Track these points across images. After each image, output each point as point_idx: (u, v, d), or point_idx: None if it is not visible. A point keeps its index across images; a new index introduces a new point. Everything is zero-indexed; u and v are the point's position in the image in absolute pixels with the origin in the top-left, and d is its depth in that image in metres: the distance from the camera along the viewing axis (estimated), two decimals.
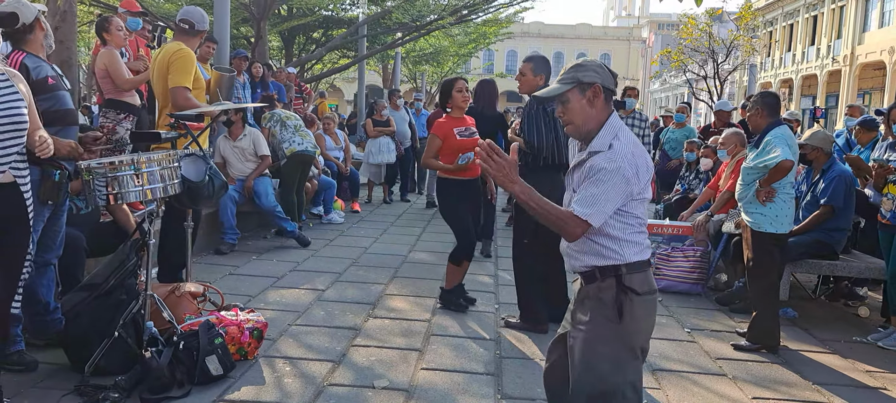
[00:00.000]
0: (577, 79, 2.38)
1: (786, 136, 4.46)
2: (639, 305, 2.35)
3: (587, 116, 2.37)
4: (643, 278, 2.38)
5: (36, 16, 3.65)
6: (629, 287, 2.33)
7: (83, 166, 3.36)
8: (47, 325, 3.79)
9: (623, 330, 2.33)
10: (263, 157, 7.18)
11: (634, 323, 2.35)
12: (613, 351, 2.33)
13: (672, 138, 9.31)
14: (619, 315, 2.32)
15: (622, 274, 2.34)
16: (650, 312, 2.41)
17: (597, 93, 2.37)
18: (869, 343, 4.81)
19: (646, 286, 2.38)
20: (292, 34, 15.52)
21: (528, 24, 51.35)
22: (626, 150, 2.31)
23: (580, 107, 2.37)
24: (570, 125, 2.41)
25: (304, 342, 4.28)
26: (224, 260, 6.37)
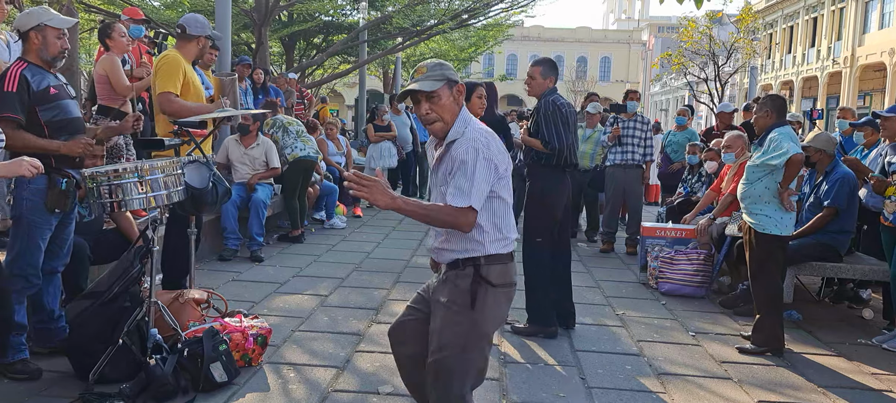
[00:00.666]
0: (447, 77, 2.51)
1: (789, 133, 4.46)
2: (492, 296, 2.47)
3: (454, 112, 2.51)
4: (502, 271, 2.50)
5: (31, 27, 3.56)
6: (485, 278, 2.46)
7: (87, 174, 3.37)
8: (51, 333, 3.80)
9: (475, 317, 2.46)
10: (273, 169, 7.19)
11: (486, 312, 2.47)
12: (463, 336, 2.46)
13: (674, 141, 9.30)
14: (471, 303, 2.45)
15: (481, 264, 2.47)
16: (502, 303, 2.54)
17: (461, 91, 2.53)
18: (873, 345, 4.80)
19: (503, 278, 2.50)
20: (293, 40, 15.53)
21: (528, 28, 51.38)
22: (479, 133, 2.46)
23: (449, 103, 2.50)
24: (437, 122, 2.50)
25: (309, 348, 4.28)
26: (227, 267, 6.37)
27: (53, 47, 3.59)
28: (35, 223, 3.45)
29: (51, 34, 3.58)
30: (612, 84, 52.04)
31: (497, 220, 2.49)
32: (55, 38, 3.59)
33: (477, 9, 14.38)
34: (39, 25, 3.56)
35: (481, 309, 2.45)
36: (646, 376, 4.08)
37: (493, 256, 2.48)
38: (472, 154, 2.39)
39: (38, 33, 3.57)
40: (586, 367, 4.17)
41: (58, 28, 3.59)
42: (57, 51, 3.61)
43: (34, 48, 3.58)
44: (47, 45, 3.58)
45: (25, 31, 3.58)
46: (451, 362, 2.46)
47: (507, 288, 2.54)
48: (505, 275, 2.51)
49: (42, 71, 3.59)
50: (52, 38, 3.58)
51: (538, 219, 4.70)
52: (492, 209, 2.47)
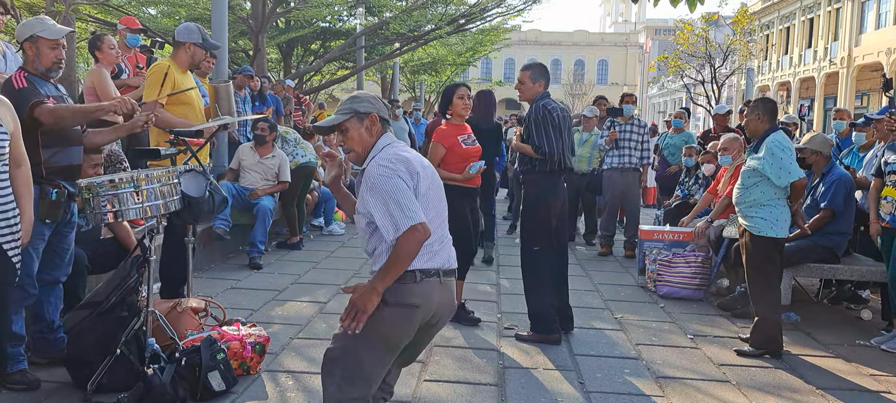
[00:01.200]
0: (354, 110, 2.61)
1: (786, 146, 4.47)
2: (383, 311, 2.48)
3: (366, 143, 2.62)
4: (397, 289, 2.49)
5: (25, 38, 3.57)
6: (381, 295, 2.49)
7: (83, 184, 3.37)
8: (50, 344, 3.79)
9: (368, 326, 2.48)
10: (282, 183, 7.21)
11: (373, 325, 2.48)
12: (342, 345, 2.53)
13: (671, 143, 9.32)
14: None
15: None
16: (396, 322, 2.52)
17: (373, 122, 2.61)
18: (872, 346, 4.81)
19: (396, 297, 2.49)
20: (290, 46, 15.56)
21: (525, 32, 51.48)
22: (387, 156, 2.52)
23: (359, 135, 2.61)
24: (351, 152, 2.65)
25: (307, 355, 4.27)
26: (225, 274, 6.37)
27: (47, 58, 3.58)
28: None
29: (44, 45, 3.57)
30: (609, 87, 52.10)
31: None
32: (49, 48, 3.57)
33: (473, 14, 14.40)
34: (32, 37, 3.56)
35: (367, 323, 2.48)
36: (644, 380, 4.08)
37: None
38: (384, 178, 2.45)
39: (32, 45, 3.57)
40: (585, 371, 4.17)
41: (51, 39, 3.57)
42: (50, 62, 3.60)
43: (30, 59, 3.59)
44: (41, 56, 3.57)
45: (21, 43, 3.60)
46: (334, 356, 2.55)
47: (404, 309, 2.51)
48: (399, 294, 2.50)
49: (41, 81, 3.60)
50: (46, 48, 3.57)
51: (535, 226, 4.69)
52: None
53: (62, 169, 3.63)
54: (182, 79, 4.74)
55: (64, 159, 3.64)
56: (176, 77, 4.71)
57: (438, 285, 2.58)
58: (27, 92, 3.50)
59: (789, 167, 4.41)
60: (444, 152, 4.86)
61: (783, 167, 4.40)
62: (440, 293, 2.59)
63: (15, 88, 3.48)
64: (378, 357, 2.54)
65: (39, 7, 9.79)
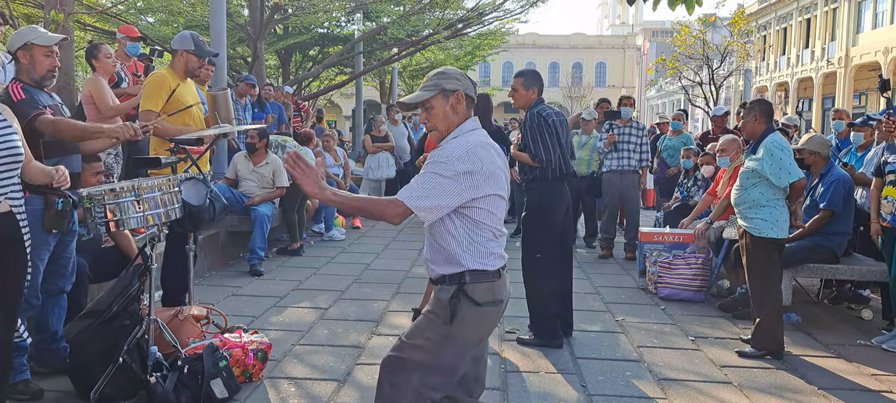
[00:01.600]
0: (441, 86, 2.50)
1: (784, 146, 4.48)
2: (474, 313, 2.43)
3: (450, 122, 2.51)
4: (486, 289, 2.45)
5: (18, 46, 3.57)
6: (469, 295, 2.43)
7: (84, 193, 3.38)
8: (53, 353, 3.80)
9: (451, 332, 2.43)
10: (280, 188, 7.19)
11: (464, 329, 2.44)
12: (434, 344, 2.45)
13: (669, 145, 9.34)
14: (451, 318, 2.42)
15: (466, 282, 2.43)
16: (486, 320, 2.49)
17: (459, 100, 2.50)
18: (873, 346, 4.81)
19: (487, 296, 2.45)
20: (289, 52, 15.56)
21: (523, 36, 51.47)
22: (461, 147, 2.41)
23: (444, 113, 2.50)
24: (434, 131, 2.54)
25: (309, 362, 4.28)
26: (226, 282, 6.37)
27: (42, 66, 3.58)
28: (32, 244, 3.45)
29: (38, 52, 3.56)
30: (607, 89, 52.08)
31: (476, 236, 2.45)
32: (43, 56, 3.57)
33: (471, 18, 14.42)
34: (26, 44, 3.56)
35: (460, 326, 2.43)
36: (646, 382, 4.09)
37: (477, 272, 2.44)
38: (440, 166, 2.38)
39: (26, 53, 3.57)
40: (587, 374, 4.17)
41: (45, 46, 3.57)
42: (45, 69, 3.60)
43: (24, 68, 3.59)
44: (35, 63, 3.57)
45: (14, 52, 3.59)
46: (411, 360, 2.46)
47: (493, 307, 2.48)
48: (489, 293, 2.46)
49: (37, 91, 3.61)
50: (40, 56, 3.57)
51: (537, 233, 4.68)
52: (474, 222, 2.44)
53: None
54: (183, 91, 4.73)
55: (66, 168, 3.64)
56: (177, 88, 4.69)
57: (505, 277, 2.57)
58: (25, 103, 3.50)
59: (789, 167, 4.43)
60: None
61: (783, 167, 4.42)
62: (508, 285, 2.60)
63: (13, 100, 3.48)
64: (465, 358, 2.52)
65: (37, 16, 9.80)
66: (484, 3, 14.31)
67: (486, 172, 2.42)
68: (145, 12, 13.43)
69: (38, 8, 9.69)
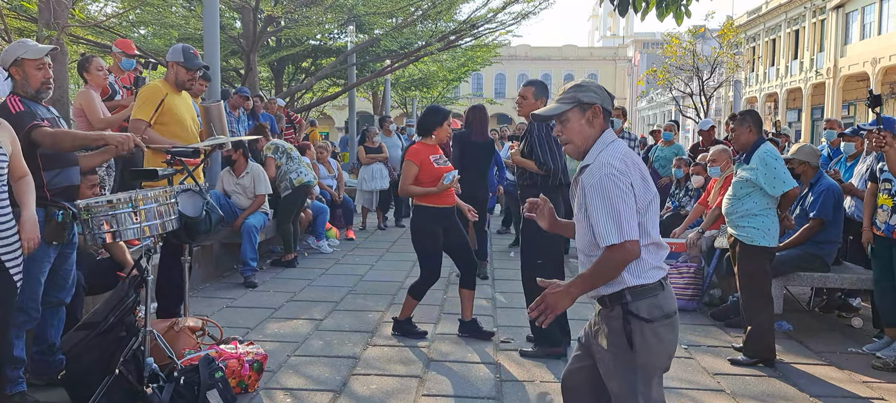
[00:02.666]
0: (578, 99, 2.43)
1: (777, 155, 4.55)
2: (649, 332, 2.34)
3: (586, 136, 2.43)
4: (651, 303, 2.34)
5: (10, 63, 3.58)
6: (636, 314, 2.33)
7: (82, 205, 3.39)
8: (49, 365, 3.79)
9: (636, 359, 2.34)
10: (258, 196, 7.13)
11: (646, 351, 2.34)
12: (630, 382, 2.36)
13: (661, 156, 9.41)
14: (629, 344, 2.34)
15: (628, 301, 2.34)
16: (663, 337, 2.37)
17: (596, 114, 2.43)
18: (864, 353, 4.86)
19: (656, 311, 2.35)
20: (282, 64, 15.60)
21: (515, 48, 51.69)
22: (616, 153, 2.35)
23: (580, 126, 2.44)
24: (569, 144, 2.47)
25: (304, 373, 4.29)
26: (221, 293, 6.37)
27: (35, 79, 3.58)
28: (34, 256, 3.45)
29: (29, 66, 3.57)
30: None
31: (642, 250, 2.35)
32: (34, 69, 3.57)
33: (463, 30, 14.51)
34: (17, 60, 3.57)
35: (642, 349, 2.33)
36: None
37: (638, 288, 2.34)
38: (606, 181, 2.29)
39: (18, 69, 3.58)
40: None
41: (35, 59, 3.57)
42: (39, 82, 3.60)
43: (19, 84, 3.60)
44: (28, 78, 3.58)
45: (7, 69, 3.60)
46: None
47: (666, 320, 2.36)
48: (657, 307, 2.35)
49: (34, 104, 3.62)
50: (32, 69, 3.57)
51: (538, 240, 4.70)
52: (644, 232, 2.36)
53: (64, 189, 3.65)
54: (176, 102, 4.74)
55: (65, 180, 3.67)
56: (168, 99, 4.70)
57: (670, 285, 2.47)
58: (24, 115, 3.51)
59: (783, 177, 4.50)
60: (417, 171, 4.89)
61: (777, 177, 4.48)
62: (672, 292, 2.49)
63: (12, 112, 3.50)
64: (660, 375, 2.43)
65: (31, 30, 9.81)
66: (476, 16, 14.40)
67: (640, 176, 2.37)
68: (138, 25, 13.44)
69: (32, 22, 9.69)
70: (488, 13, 14.15)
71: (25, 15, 9.70)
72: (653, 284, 2.36)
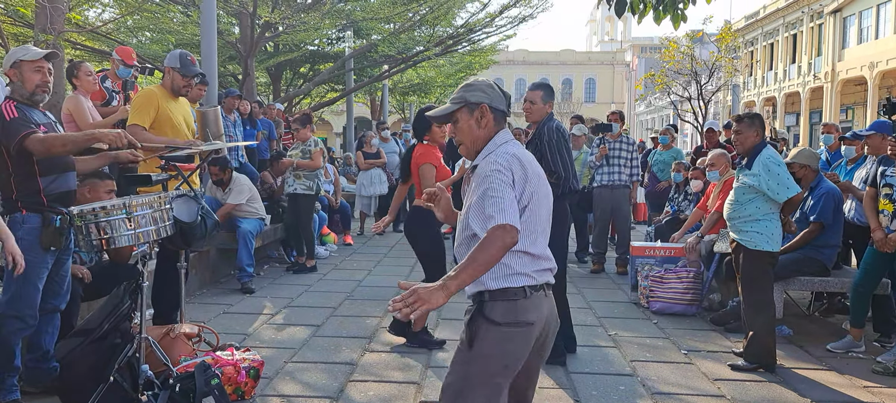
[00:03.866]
0: (465, 99, 2.42)
1: (780, 161, 4.54)
2: (496, 336, 2.27)
3: (475, 136, 2.42)
4: (508, 308, 2.29)
5: (9, 66, 3.58)
6: (487, 315, 2.29)
7: (75, 212, 3.36)
8: (43, 373, 3.76)
9: (474, 356, 2.29)
10: (226, 205, 6.90)
11: (485, 352, 2.27)
12: (461, 378, 2.33)
13: (660, 160, 9.41)
14: (469, 342, 2.31)
15: (484, 300, 2.31)
16: (506, 344, 2.29)
17: (484, 113, 2.40)
18: (864, 358, 4.83)
19: (509, 316, 2.29)
20: (279, 70, 15.58)
21: (512, 52, 51.80)
22: (504, 152, 2.34)
23: (468, 127, 2.42)
24: (462, 145, 2.46)
25: (301, 379, 4.25)
26: (218, 299, 6.33)
27: (31, 82, 3.57)
28: (31, 262, 3.43)
29: (27, 68, 3.57)
30: (597, 105, 52.42)
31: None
32: (32, 71, 3.57)
33: (461, 35, 14.51)
34: (15, 62, 3.58)
35: (480, 349, 2.27)
36: (640, 396, 4.08)
37: (498, 291, 2.29)
38: (493, 174, 2.27)
39: (15, 70, 3.58)
40: (581, 389, 4.17)
41: (33, 61, 3.57)
42: (34, 85, 3.59)
43: (15, 86, 3.60)
44: (24, 80, 3.57)
45: (6, 72, 3.60)
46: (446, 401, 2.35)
47: (519, 328, 2.29)
48: (512, 313, 2.29)
49: (30, 109, 3.61)
50: (29, 72, 3.57)
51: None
52: None
53: (61, 195, 3.62)
54: (173, 108, 4.72)
55: (62, 185, 3.64)
56: (164, 104, 4.67)
57: (545, 299, 2.38)
58: (18, 122, 3.49)
59: (787, 182, 4.47)
60: (435, 171, 4.86)
61: (781, 182, 4.46)
62: (548, 307, 2.40)
63: (6, 119, 3.48)
64: (497, 386, 2.31)
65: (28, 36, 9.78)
66: (474, 21, 14.41)
67: (526, 176, 2.33)
68: (136, 31, 13.42)
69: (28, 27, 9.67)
70: (486, 18, 14.16)
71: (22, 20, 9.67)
72: (516, 289, 2.30)
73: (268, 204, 7.90)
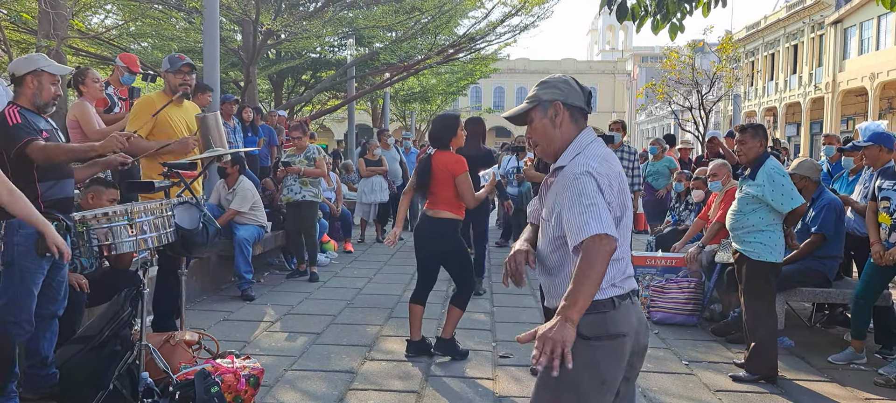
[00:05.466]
0: (538, 97, 2.28)
1: (784, 171, 4.55)
2: (585, 350, 2.09)
3: (551, 136, 2.26)
4: (596, 320, 2.13)
5: (28, 71, 3.64)
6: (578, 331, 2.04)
7: (77, 218, 3.36)
8: (42, 380, 3.74)
9: (560, 376, 2.02)
10: (230, 211, 6.90)
11: (574, 371, 2.02)
12: (550, 398, 2.18)
13: (653, 170, 9.47)
14: None
15: None
16: (599, 359, 2.14)
17: (558, 111, 2.26)
18: (866, 370, 4.81)
19: (598, 329, 2.14)
20: (281, 77, 15.61)
21: (514, 61, 51.86)
22: (594, 154, 2.20)
23: (542, 126, 2.28)
24: (537, 147, 2.32)
25: (301, 388, 4.24)
26: (218, 306, 6.32)
27: (47, 93, 3.68)
28: (27, 268, 3.43)
29: (46, 80, 3.68)
30: (598, 114, 52.46)
31: None
32: (50, 83, 3.69)
33: (461, 43, 14.55)
34: (37, 70, 3.65)
35: (568, 368, 1.98)
36: None
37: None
38: (581, 179, 2.11)
39: (35, 77, 3.66)
40: None
41: (54, 74, 3.69)
42: (50, 97, 3.70)
43: (28, 93, 3.66)
44: (42, 89, 3.67)
45: (21, 76, 3.65)
46: None
47: (608, 340, 2.15)
48: (601, 326, 2.14)
49: (34, 115, 3.66)
50: (47, 83, 3.68)
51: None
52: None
53: (59, 201, 3.64)
54: (173, 113, 4.73)
55: (60, 192, 3.67)
56: (164, 110, 4.66)
57: (632, 307, 2.22)
58: (20, 127, 3.53)
59: (791, 193, 4.47)
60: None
61: (785, 193, 4.46)
62: (637, 315, 2.24)
63: (9, 124, 3.51)
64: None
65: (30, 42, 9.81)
66: (476, 30, 14.44)
67: (616, 182, 2.20)
68: (139, 37, 13.46)
69: (31, 34, 9.69)
70: (487, 27, 14.19)
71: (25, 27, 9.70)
72: (604, 300, 2.14)
73: (269, 211, 7.89)
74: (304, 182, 7.70)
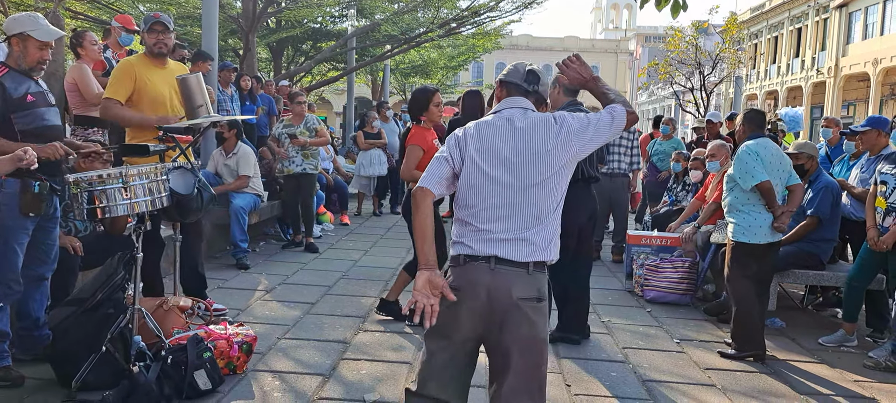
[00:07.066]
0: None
1: (755, 151, 4.52)
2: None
3: None
4: (455, 272, 2.40)
5: (14, 33, 3.52)
6: None
7: (71, 180, 3.34)
8: (35, 341, 3.76)
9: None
10: (241, 177, 6.94)
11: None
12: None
13: (660, 150, 9.38)
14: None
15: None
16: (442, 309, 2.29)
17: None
18: (856, 352, 4.84)
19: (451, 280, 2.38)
20: (281, 46, 15.50)
21: (516, 37, 51.56)
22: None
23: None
24: None
25: (294, 356, 4.26)
26: (213, 274, 6.31)
27: (31, 58, 3.56)
28: (10, 227, 3.41)
29: (32, 45, 3.54)
30: None
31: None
32: (36, 49, 3.55)
33: (464, 17, 14.41)
34: (22, 34, 3.53)
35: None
36: (631, 383, 4.10)
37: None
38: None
39: (21, 41, 3.54)
40: (571, 374, 4.18)
41: (41, 40, 3.54)
42: (34, 62, 3.57)
43: (14, 55, 3.56)
44: (26, 54, 3.54)
45: (8, 37, 3.56)
46: None
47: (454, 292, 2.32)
48: (454, 278, 2.39)
49: (22, 77, 3.56)
50: (33, 48, 3.54)
51: (568, 234, 4.60)
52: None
53: (42, 163, 3.58)
54: (154, 77, 4.57)
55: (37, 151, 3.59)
56: (143, 74, 4.53)
57: (489, 271, 2.31)
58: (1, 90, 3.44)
59: (752, 170, 4.47)
60: (422, 155, 4.81)
61: (747, 170, 4.50)
62: (492, 280, 2.31)
63: None
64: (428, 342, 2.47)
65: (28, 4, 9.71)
66: (479, 4, 14.30)
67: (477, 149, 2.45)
68: (137, 1, 13.32)
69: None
70: (491, 1, 14.06)
71: None
72: (454, 256, 2.43)
73: (265, 181, 7.88)
74: (306, 154, 7.67)
